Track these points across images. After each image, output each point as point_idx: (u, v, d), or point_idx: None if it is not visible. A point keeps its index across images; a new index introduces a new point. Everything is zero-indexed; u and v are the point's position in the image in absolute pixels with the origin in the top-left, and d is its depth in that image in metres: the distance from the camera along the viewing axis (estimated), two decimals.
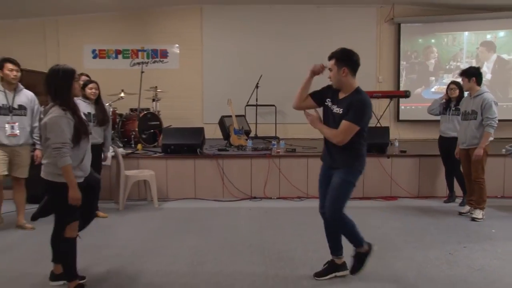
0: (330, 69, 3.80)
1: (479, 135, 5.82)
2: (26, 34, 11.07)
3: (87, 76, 6.16)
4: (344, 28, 11.27)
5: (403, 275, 4.09)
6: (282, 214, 6.40)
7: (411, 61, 11.42)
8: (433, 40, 11.38)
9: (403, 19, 11.23)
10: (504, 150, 6.73)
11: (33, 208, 6.46)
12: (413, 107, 11.26)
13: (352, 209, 6.53)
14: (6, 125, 5.23)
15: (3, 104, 5.25)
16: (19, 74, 5.33)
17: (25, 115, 5.40)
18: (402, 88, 11.01)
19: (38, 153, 5.43)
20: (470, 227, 5.73)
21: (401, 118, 11.36)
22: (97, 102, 5.97)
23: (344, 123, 3.62)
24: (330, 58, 3.81)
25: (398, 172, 7.52)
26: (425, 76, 11.41)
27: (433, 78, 11.39)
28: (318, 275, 3.97)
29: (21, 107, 5.37)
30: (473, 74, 5.93)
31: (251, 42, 11.28)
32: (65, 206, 3.53)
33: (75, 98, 3.81)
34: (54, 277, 3.87)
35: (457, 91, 6.62)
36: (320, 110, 3.99)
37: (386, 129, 8.02)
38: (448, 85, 6.82)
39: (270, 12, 11.25)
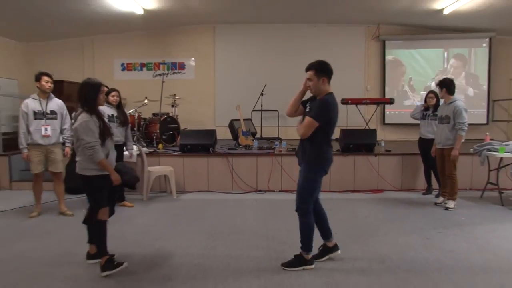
0: (309, 79, 3.75)
1: (452, 137, 5.91)
2: (68, 52, 11.15)
3: (106, 87, 6.27)
4: (337, 43, 11.24)
5: (388, 257, 4.10)
6: (284, 205, 6.38)
7: (394, 72, 11.38)
8: (411, 55, 11.31)
9: (387, 36, 11.19)
10: (472, 149, 6.75)
11: (72, 198, 6.55)
12: (396, 112, 11.21)
13: (344, 201, 6.64)
14: (42, 128, 5.45)
15: (38, 110, 5.47)
16: (52, 85, 5.57)
17: (56, 119, 5.61)
18: (387, 96, 10.97)
19: (67, 150, 5.67)
20: (443, 215, 5.76)
21: (386, 121, 11.30)
22: (119, 106, 6.09)
23: (306, 118, 3.65)
24: (308, 69, 3.78)
25: (384, 169, 7.51)
26: (406, 85, 11.36)
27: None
28: (315, 257, 3.95)
29: (53, 112, 5.58)
30: (446, 84, 6.04)
31: (256, 56, 11.26)
32: (96, 194, 3.75)
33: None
34: (89, 256, 3.98)
35: (434, 99, 6.69)
36: None
37: (374, 131, 8.01)
38: (427, 94, 6.87)
39: (274, 30, 11.21)
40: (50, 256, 4.13)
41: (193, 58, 11.41)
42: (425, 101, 6.86)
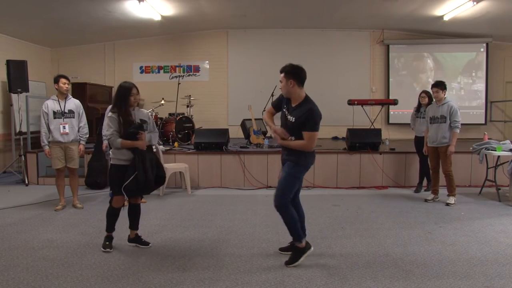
0: (281, 81, 3.73)
1: (448, 135, 5.93)
2: (90, 56, 11.29)
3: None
4: (344, 48, 11.25)
5: (392, 250, 4.10)
6: None
7: (398, 74, 11.33)
8: (414, 58, 11.28)
9: (391, 41, 11.14)
10: (471, 148, 6.73)
11: (91, 193, 6.64)
12: (400, 112, 11.15)
13: (350, 196, 6.64)
14: (60, 126, 5.56)
15: (57, 110, 5.58)
16: (69, 86, 5.74)
17: (73, 117, 5.68)
18: (391, 97, 10.92)
19: (81, 147, 5.80)
20: (444, 210, 5.75)
21: (390, 121, 11.24)
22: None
23: (306, 134, 3.57)
24: (281, 71, 3.73)
25: (388, 166, 7.48)
26: (409, 87, 11.29)
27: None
28: (282, 249, 4.04)
29: (70, 112, 5.68)
30: (445, 87, 6.06)
31: (267, 59, 11.22)
32: (110, 181, 4.09)
33: None
34: (129, 239, 4.26)
35: (427, 98, 6.69)
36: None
37: (379, 130, 7.97)
38: (420, 94, 6.89)
39: (283, 35, 11.23)
40: (74, 246, 4.20)
41: (207, 61, 11.45)
42: (418, 100, 6.89)
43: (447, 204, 5.97)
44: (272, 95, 10.11)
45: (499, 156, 6.42)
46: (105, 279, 3.38)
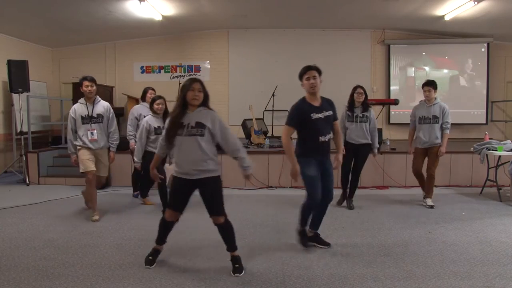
0: (314, 77, 4.12)
1: (439, 136, 5.84)
2: (91, 56, 11.28)
3: (153, 89, 6.09)
4: (344, 48, 11.23)
5: (392, 250, 4.10)
6: (293, 200, 6.37)
7: (399, 74, 11.33)
8: (415, 58, 11.28)
9: (392, 41, 11.13)
10: (472, 148, 6.72)
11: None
12: (401, 112, 11.14)
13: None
14: (88, 132, 5.13)
15: (85, 115, 5.14)
16: (94, 88, 5.17)
17: (101, 122, 5.23)
18: (392, 97, 10.92)
19: (112, 154, 5.37)
20: (445, 210, 5.73)
21: (391, 121, 11.23)
22: (165, 116, 5.28)
23: None
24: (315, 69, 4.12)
25: (389, 166, 7.49)
26: (409, 87, 11.30)
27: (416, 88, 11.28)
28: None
29: (99, 116, 5.21)
30: (436, 86, 5.91)
31: (268, 59, 11.25)
32: (171, 194, 3.96)
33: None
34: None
35: (363, 96, 5.77)
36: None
37: (379, 130, 7.95)
38: (355, 89, 5.87)
39: (284, 35, 11.22)
40: (75, 246, 4.20)
41: (208, 61, 11.44)
42: (352, 96, 5.88)
43: (431, 207, 5.82)
44: (273, 95, 10.12)
45: (500, 156, 6.43)
46: (106, 279, 3.39)
